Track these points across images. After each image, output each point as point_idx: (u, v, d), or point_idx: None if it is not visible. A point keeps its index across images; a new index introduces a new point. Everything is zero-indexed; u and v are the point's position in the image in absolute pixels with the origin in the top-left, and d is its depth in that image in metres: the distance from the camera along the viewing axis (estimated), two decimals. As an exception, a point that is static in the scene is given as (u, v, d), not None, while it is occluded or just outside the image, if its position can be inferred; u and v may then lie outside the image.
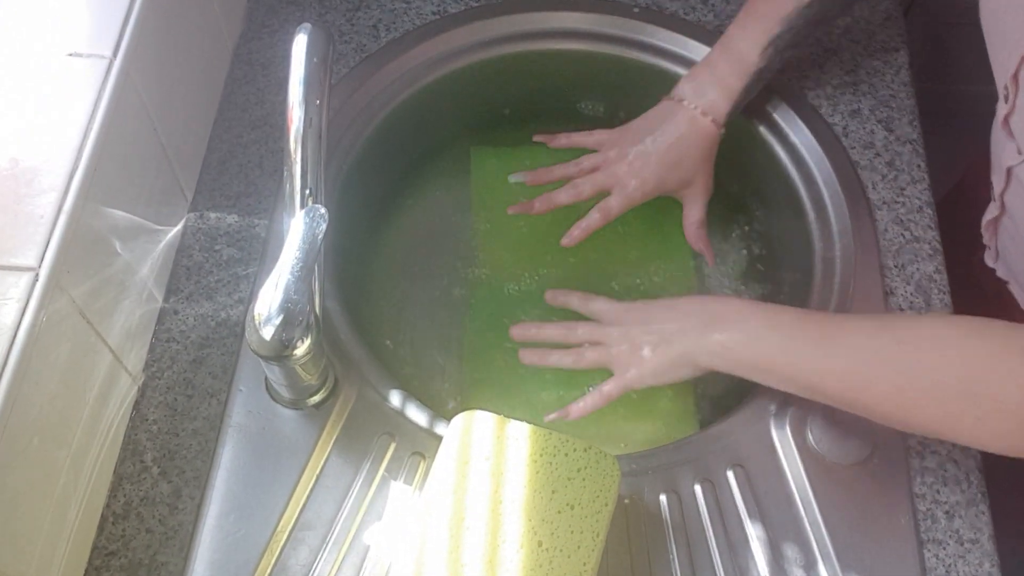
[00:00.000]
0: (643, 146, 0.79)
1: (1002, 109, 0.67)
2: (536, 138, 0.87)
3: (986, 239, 0.80)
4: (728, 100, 0.78)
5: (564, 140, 0.86)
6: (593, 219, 0.80)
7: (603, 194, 0.81)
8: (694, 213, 0.83)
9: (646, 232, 0.89)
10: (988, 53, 0.67)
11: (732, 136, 0.89)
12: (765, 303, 0.68)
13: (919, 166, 0.83)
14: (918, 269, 0.77)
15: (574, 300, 0.78)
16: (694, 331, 0.68)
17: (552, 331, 0.77)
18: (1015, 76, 0.62)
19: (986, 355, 0.57)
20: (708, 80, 0.79)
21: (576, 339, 0.75)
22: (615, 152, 0.81)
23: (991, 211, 0.76)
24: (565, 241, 0.80)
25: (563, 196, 0.81)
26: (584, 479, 0.59)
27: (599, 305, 0.76)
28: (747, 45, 0.77)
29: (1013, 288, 0.80)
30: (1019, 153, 0.67)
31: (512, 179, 0.85)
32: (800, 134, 0.84)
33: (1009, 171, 0.69)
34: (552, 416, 0.73)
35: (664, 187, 0.80)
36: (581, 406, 0.73)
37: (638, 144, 0.80)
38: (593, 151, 0.84)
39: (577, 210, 0.82)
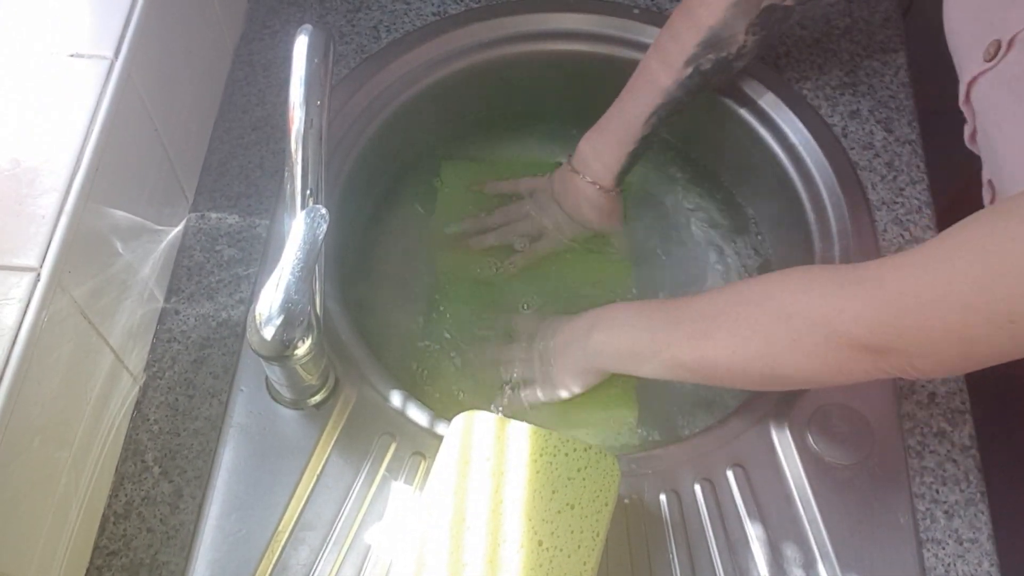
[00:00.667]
0: (555, 207, 0.90)
1: (968, 128, 0.68)
2: (473, 188, 0.94)
3: None
4: (613, 170, 0.85)
5: (491, 188, 0.94)
6: (526, 257, 0.90)
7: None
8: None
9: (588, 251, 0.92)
10: (955, 63, 0.68)
11: (732, 136, 0.89)
12: (645, 301, 0.74)
13: (918, 167, 0.83)
14: (917, 269, 0.77)
15: (503, 355, 0.83)
16: (581, 338, 0.74)
17: (494, 351, 0.83)
18: (967, 100, 0.64)
19: (798, 280, 0.60)
20: (598, 150, 0.85)
21: (507, 358, 0.81)
22: (537, 207, 0.91)
23: (986, 197, 0.76)
24: (506, 270, 0.90)
25: (492, 239, 0.90)
26: (584, 479, 0.60)
27: (518, 324, 0.84)
28: (631, 116, 0.82)
29: None
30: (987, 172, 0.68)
31: (447, 230, 0.92)
32: (799, 135, 0.85)
33: (990, 183, 0.70)
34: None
35: (580, 234, 0.90)
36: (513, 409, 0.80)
37: (551, 205, 0.90)
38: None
39: None
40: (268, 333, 0.58)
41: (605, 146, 0.85)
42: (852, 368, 0.57)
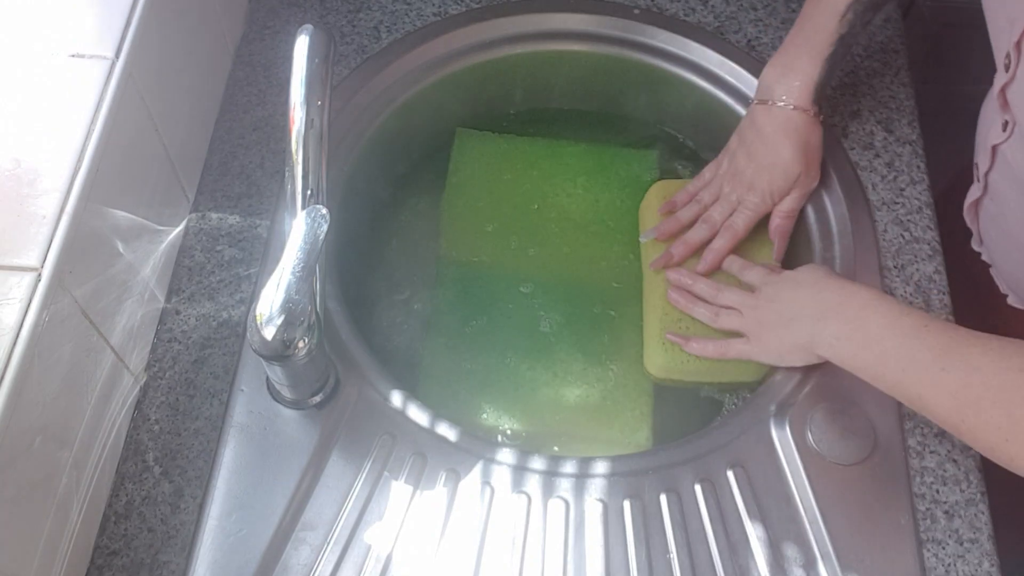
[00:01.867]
0: (749, 166, 0.80)
1: (1000, 80, 0.66)
2: (658, 233, 0.84)
3: (968, 221, 0.79)
4: (809, 83, 0.77)
5: (682, 198, 0.85)
6: (726, 238, 0.81)
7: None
8: (788, 202, 0.81)
9: (601, 226, 0.90)
10: (987, 27, 0.66)
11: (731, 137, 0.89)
12: (893, 300, 0.66)
13: (919, 167, 0.83)
14: (918, 270, 0.78)
15: (735, 265, 0.80)
16: (811, 319, 0.68)
17: (703, 288, 0.79)
18: (1018, 44, 0.61)
19: None
20: (788, 65, 0.78)
21: (721, 301, 0.77)
22: (727, 177, 0.82)
23: (973, 192, 0.75)
24: (701, 268, 0.81)
25: (698, 234, 0.82)
26: None
27: (748, 273, 0.78)
28: (823, 18, 0.76)
29: (994, 272, 0.80)
30: (1003, 130, 0.67)
31: (643, 239, 0.85)
32: (800, 135, 0.84)
33: (994, 149, 0.69)
34: (672, 338, 0.77)
35: (779, 192, 0.80)
36: (700, 347, 0.76)
37: (744, 168, 0.81)
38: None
39: (538, 187, 0.90)
40: (269, 333, 0.58)
41: (796, 58, 0.77)
42: None
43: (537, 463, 0.68)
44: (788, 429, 0.69)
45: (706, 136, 0.94)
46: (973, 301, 0.81)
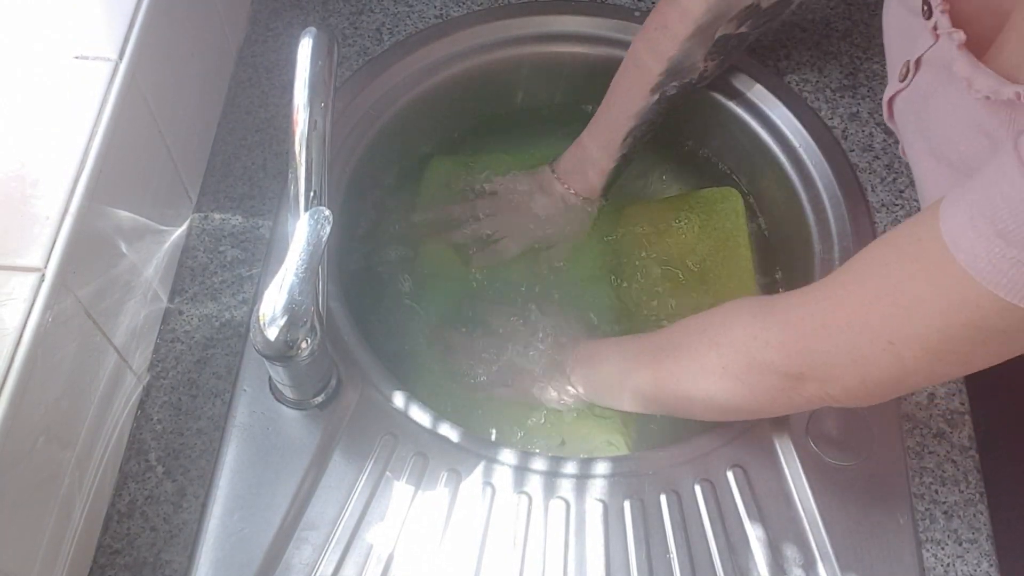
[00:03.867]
0: (527, 210, 0.90)
1: (900, 143, 0.69)
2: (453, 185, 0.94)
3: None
4: (597, 184, 0.88)
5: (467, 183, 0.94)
6: (486, 258, 0.90)
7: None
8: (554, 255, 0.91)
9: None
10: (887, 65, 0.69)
11: (732, 137, 0.90)
12: (624, 336, 0.76)
13: (918, 169, 0.83)
14: (917, 271, 0.78)
15: None
16: (569, 372, 0.77)
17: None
18: (891, 116, 0.66)
19: (726, 316, 0.63)
20: (582, 164, 0.88)
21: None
22: (506, 207, 0.91)
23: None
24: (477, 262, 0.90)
25: (458, 236, 0.90)
26: None
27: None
28: (610, 136, 0.85)
29: None
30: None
31: (415, 218, 0.91)
32: (799, 136, 0.85)
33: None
34: None
35: (542, 242, 0.91)
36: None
37: (522, 208, 0.91)
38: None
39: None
40: (272, 334, 0.58)
41: (587, 162, 0.88)
42: (778, 396, 0.60)
43: (538, 463, 0.68)
44: (788, 430, 0.69)
45: (705, 136, 0.94)
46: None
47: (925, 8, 0.57)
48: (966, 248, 0.44)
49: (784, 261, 0.89)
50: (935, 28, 0.56)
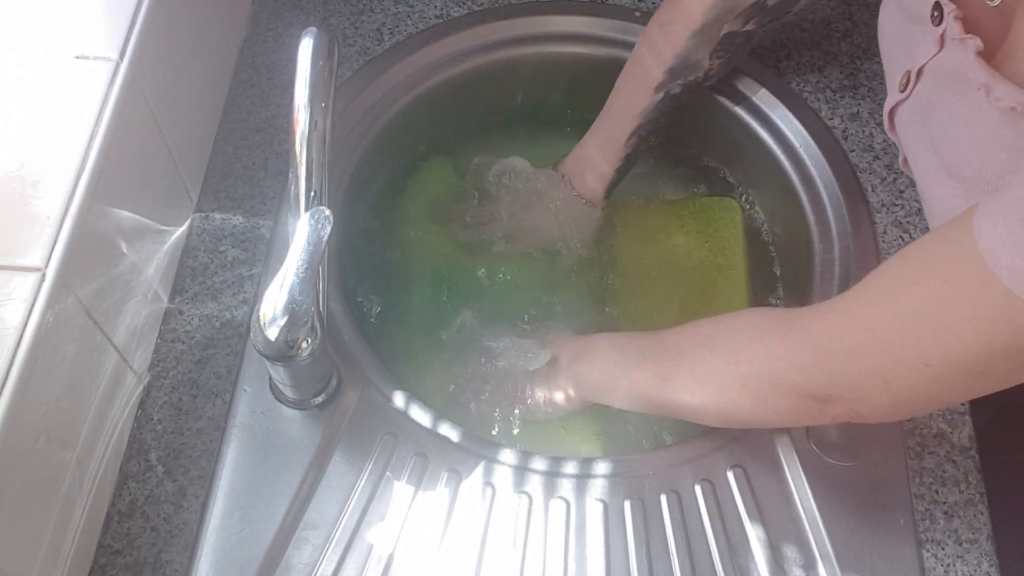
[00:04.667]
0: (534, 211, 0.90)
1: (900, 154, 0.69)
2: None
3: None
4: (601, 185, 0.87)
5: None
6: (496, 257, 0.89)
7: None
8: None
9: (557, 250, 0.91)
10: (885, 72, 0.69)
11: (731, 137, 0.90)
12: (627, 334, 0.74)
13: (918, 169, 0.83)
14: (917, 271, 0.78)
15: None
16: (567, 366, 0.75)
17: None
18: (892, 127, 0.65)
19: (744, 331, 0.61)
20: (585, 165, 0.87)
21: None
22: (513, 207, 0.90)
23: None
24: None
25: (463, 235, 0.90)
26: None
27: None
28: (615, 136, 0.84)
29: None
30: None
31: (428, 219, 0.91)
32: (799, 137, 0.85)
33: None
34: None
35: (547, 243, 0.90)
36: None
37: (529, 209, 0.90)
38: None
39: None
40: (272, 334, 0.58)
41: (592, 162, 0.87)
42: (802, 415, 0.58)
43: (538, 463, 0.69)
44: (788, 430, 0.69)
45: (705, 137, 0.94)
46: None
47: (935, 14, 0.55)
48: (1007, 264, 0.42)
49: (784, 261, 0.89)
50: (943, 35, 0.54)
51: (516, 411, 0.78)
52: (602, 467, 0.68)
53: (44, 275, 0.54)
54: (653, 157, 0.95)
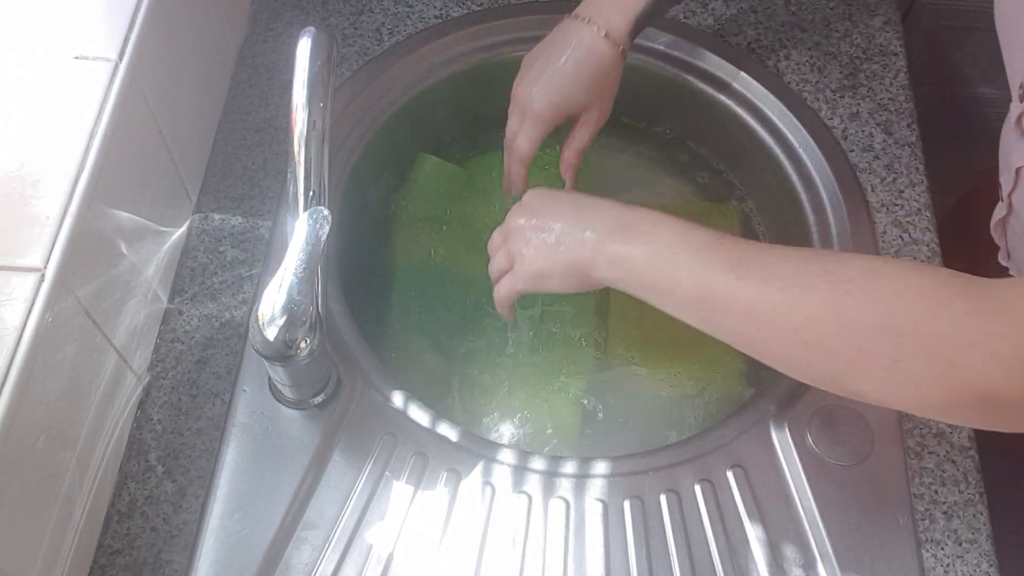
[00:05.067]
0: (537, 79, 0.76)
1: (1016, 109, 0.66)
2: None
3: (996, 239, 0.80)
4: (630, 11, 0.73)
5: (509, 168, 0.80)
6: (514, 164, 0.77)
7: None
8: (580, 137, 0.78)
9: None
10: (1003, 56, 0.67)
11: (731, 137, 0.90)
12: (676, 217, 0.60)
13: (918, 169, 0.83)
14: (917, 271, 0.78)
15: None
16: (590, 238, 0.61)
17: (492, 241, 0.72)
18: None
19: (920, 290, 0.47)
20: None
21: (492, 249, 0.71)
22: (518, 93, 0.78)
23: (999, 211, 0.76)
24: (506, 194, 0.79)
25: (509, 161, 0.78)
26: None
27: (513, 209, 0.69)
28: None
29: None
30: None
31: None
32: (799, 136, 0.85)
33: (1018, 171, 0.69)
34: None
35: (564, 110, 0.76)
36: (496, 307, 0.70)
37: (534, 79, 0.76)
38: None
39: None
40: (271, 334, 0.58)
41: None
42: (960, 413, 0.47)
43: (538, 463, 0.69)
44: (787, 430, 0.69)
45: (705, 137, 0.94)
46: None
47: None
48: None
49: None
50: None
51: (499, 289, 0.69)
52: (601, 467, 0.69)
53: (44, 275, 0.54)
54: (650, 156, 0.95)
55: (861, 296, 0.48)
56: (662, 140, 0.97)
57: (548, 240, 0.63)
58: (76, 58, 0.62)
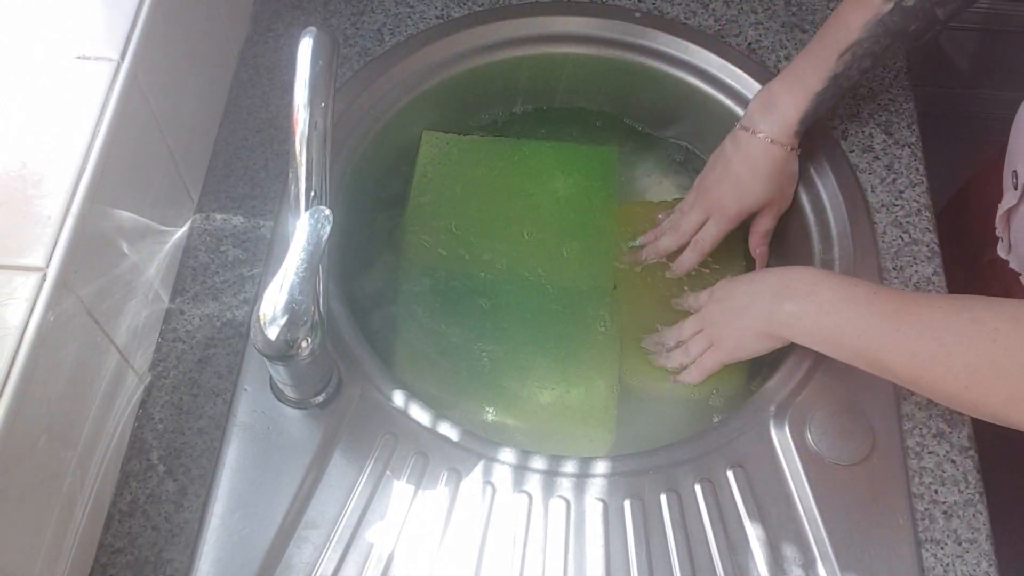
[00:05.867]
0: (720, 182, 0.83)
1: None
2: (641, 240, 0.89)
3: (999, 230, 0.80)
4: (792, 118, 0.78)
5: (665, 227, 0.88)
6: (694, 250, 0.85)
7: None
8: (764, 223, 0.85)
9: (564, 220, 0.90)
10: None
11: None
12: (841, 275, 0.70)
13: (918, 169, 0.83)
14: (916, 271, 0.78)
15: (687, 301, 0.84)
16: (765, 303, 0.70)
17: (669, 337, 0.82)
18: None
19: None
20: (775, 97, 0.79)
21: (686, 335, 0.80)
22: (699, 191, 0.85)
23: (1008, 200, 0.76)
24: (669, 274, 0.86)
25: (665, 242, 0.86)
26: None
27: (691, 301, 0.82)
28: (820, 55, 0.77)
29: None
30: None
31: (635, 244, 0.89)
32: (800, 137, 0.85)
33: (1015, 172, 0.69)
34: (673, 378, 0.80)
35: (747, 211, 0.84)
36: (685, 375, 0.79)
37: (716, 182, 0.83)
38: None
39: (502, 186, 0.91)
40: (272, 333, 0.58)
41: (784, 91, 0.78)
42: None
43: (538, 463, 0.69)
44: (787, 429, 0.70)
45: (706, 138, 0.94)
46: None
47: None
48: None
49: (783, 261, 0.89)
50: None
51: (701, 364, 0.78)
52: (602, 466, 0.69)
53: (45, 275, 0.54)
54: (649, 156, 0.95)
55: (1010, 344, 0.56)
56: (662, 140, 0.98)
57: (738, 318, 0.74)
58: (78, 58, 0.62)
